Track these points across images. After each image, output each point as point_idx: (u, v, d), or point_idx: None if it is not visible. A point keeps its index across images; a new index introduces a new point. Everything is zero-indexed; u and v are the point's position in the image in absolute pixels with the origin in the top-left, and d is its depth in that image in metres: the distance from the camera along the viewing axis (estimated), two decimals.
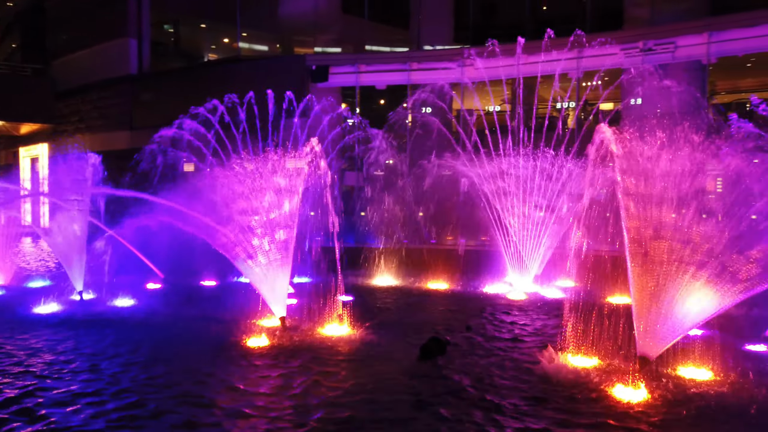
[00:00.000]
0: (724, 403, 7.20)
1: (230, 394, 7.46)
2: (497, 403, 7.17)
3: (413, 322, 11.44)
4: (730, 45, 19.48)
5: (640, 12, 21.89)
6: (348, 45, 29.19)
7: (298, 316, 11.37)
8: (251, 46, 31.12)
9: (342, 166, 25.94)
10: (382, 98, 28.05)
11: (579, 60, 17.81)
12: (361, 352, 9.37)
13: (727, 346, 9.39)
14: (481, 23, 27.42)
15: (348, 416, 6.79)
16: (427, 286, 15.61)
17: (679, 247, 8.24)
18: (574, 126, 19.29)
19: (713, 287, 8.07)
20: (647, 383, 7.63)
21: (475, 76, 20.12)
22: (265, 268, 10.72)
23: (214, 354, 9.14)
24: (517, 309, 12.71)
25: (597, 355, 8.83)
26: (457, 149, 17.12)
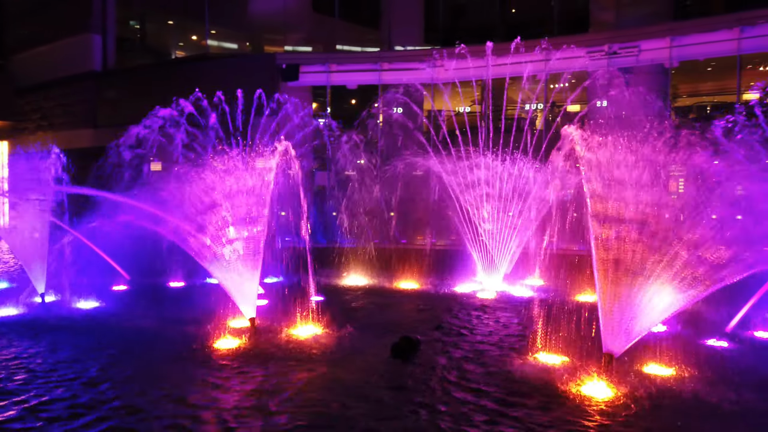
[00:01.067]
0: (686, 397, 7.43)
1: (195, 397, 7.35)
2: (467, 401, 7.24)
3: (384, 321, 11.46)
4: (691, 49, 20.08)
5: (606, 16, 22.39)
6: (319, 44, 29.05)
7: (268, 317, 11.27)
8: (220, 44, 30.69)
9: (313, 166, 25.83)
10: (353, 98, 28.02)
11: (546, 62, 18.13)
12: (332, 352, 9.35)
13: (689, 342, 9.68)
14: (451, 25, 27.65)
15: (318, 416, 6.76)
16: (397, 285, 15.65)
17: (642, 246, 8.46)
18: (542, 127, 19.59)
19: (676, 285, 8.31)
20: (612, 379, 7.81)
21: (445, 77, 20.27)
22: (234, 268, 10.59)
23: (179, 357, 8.98)
24: (487, 308, 12.85)
25: (564, 353, 8.99)
26: (428, 149, 17.22)
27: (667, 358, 8.66)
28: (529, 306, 12.52)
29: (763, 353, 9.47)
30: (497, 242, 15.53)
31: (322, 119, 25.57)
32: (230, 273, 10.59)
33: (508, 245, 15.51)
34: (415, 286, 15.54)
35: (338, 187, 24.27)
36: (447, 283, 15.65)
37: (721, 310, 10.93)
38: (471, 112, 22.42)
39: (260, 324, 10.72)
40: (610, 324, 8.47)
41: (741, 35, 18.93)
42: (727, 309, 10.66)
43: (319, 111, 27.44)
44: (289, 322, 10.79)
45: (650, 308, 8.41)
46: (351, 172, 25.30)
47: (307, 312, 10.88)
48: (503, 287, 14.92)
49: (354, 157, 22.35)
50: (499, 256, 15.53)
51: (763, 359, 9.12)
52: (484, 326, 11.19)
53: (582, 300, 13.27)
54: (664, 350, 8.84)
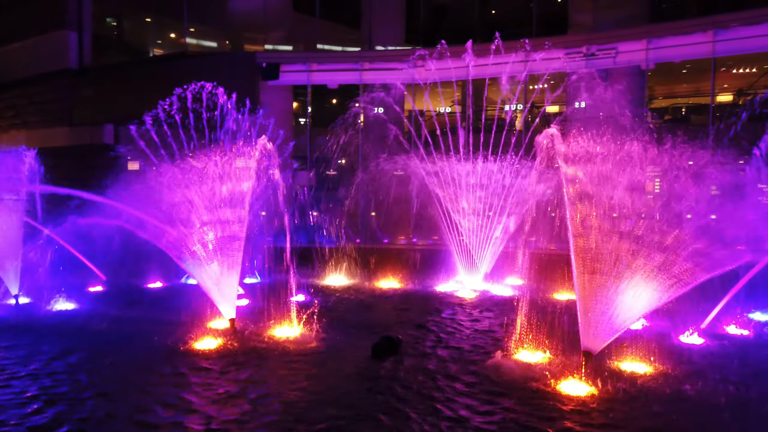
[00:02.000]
0: (661, 393, 7.55)
1: (173, 400, 7.26)
2: (448, 400, 7.27)
3: (365, 321, 11.46)
4: (666, 51, 20.40)
5: (584, 18, 22.64)
6: (299, 43, 28.90)
7: (248, 318, 11.18)
8: (199, 42, 30.34)
9: (294, 165, 25.69)
10: (334, 97, 27.92)
11: (526, 63, 18.28)
12: (313, 352, 9.32)
13: (665, 339, 9.85)
14: (432, 25, 27.72)
15: (298, 417, 6.73)
16: (379, 285, 15.65)
17: (620, 245, 8.58)
18: (522, 128, 19.76)
19: (652, 283, 8.45)
20: (591, 376, 7.91)
21: (426, 78, 20.32)
22: (213, 268, 10.49)
23: (157, 359, 8.86)
24: (467, 307, 12.91)
25: (544, 351, 9.08)
26: (409, 149, 17.25)
27: (643, 355, 8.80)
28: (509, 305, 12.62)
29: (737, 349, 9.67)
30: (477, 242, 15.63)
31: (303, 119, 25.51)
32: (209, 273, 10.48)
33: (488, 245, 15.61)
34: (396, 285, 15.56)
35: (319, 187, 24.21)
36: (428, 282, 15.70)
37: (696, 307, 11.12)
38: (451, 112, 22.53)
39: (240, 325, 10.63)
40: (588, 322, 8.58)
41: (715, 38, 19.30)
42: (702, 306, 10.85)
43: (299, 110, 27.34)
44: (269, 323, 10.73)
45: (627, 306, 8.54)
46: (332, 172, 25.27)
47: (288, 312, 10.82)
48: (483, 286, 15.01)
49: (335, 157, 22.32)
50: (480, 256, 15.63)
51: (737, 355, 9.32)
52: (464, 325, 11.25)
53: (561, 299, 13.42)
54: (641, 347, 8.98)
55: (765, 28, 18.65)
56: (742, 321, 10.97)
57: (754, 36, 18.94)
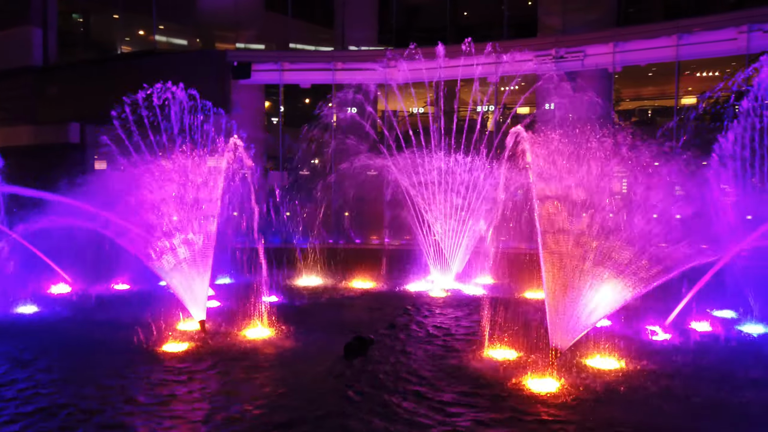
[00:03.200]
0: (627, 388, 7.74)
1: (139, 404, 7.14)
2: (420, 398, 7.32)
3: (337, 321, 11.44)
4: (633, 55, 20.88)
5: (553, 21, 23.01)
6: (271, 42, 28.67)
7: (219, 319, 11.06)
8: (169, 40, 29.84)
9: (266, 165, 25.50)
10: (307, 97, 27.78)
11: (497, 65, 18.50)
12: (285, 354, 9.27)
13: (631, 336, 10.09)
14: (405, 26, 27.82)
15: (266, 419, 6.69)
16: (351, 285, 15.65)
17: (587, 244, 8.77)
18: (493, 129, 19.99)
19: (618, 281, 8.66)
20: (559, 373, 8.05)
21: (399, 78, 20.40)
22: (183, 269, 10.35)
23: (123, 363, 8.67)
24: (439, 306, 13.01)
25: (514, 348, 9.21)
26: (382, 149, 17.29)
27: (610, 351, 9.00)
28: (480, 304, 12.75)
29: (699, 345, 9.96)
30: (449, 241, 15.76)
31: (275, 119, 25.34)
32: (179, 274, 10.34)
33: (460, 244, 15.76)
34: (368, 285, 15.57)
35: (292, 187, 24.08)
36: (400, 282, 15.76)
37: (661, 304, 11.41)
38: (424, 113, 22.64)
39: (210, 326, 10.52)
40: (557, 320, 8.74)
41: (679, 42, 19.82)
42: (666, 303, 11.14)
43: (272, 109, 27.14)
44: (241, 324, 10.63)
45: (594, 304, 8.73)
46: (305, 172, 25.16)
47: (259, 313, 10.74)
48: (455, 286, 15.13)
49: (308, 157, 22.22)
50: (452, 255, 15.76)
51: (700, 350, 9.60)
52: (436, 324, 11.33)
53: (530, 297, 13.63)
54: (608, 344, 9.17)
55: (726, 33, 19.24)
56: (704, 318, 11.31)
57: (716, 40, 19.53)
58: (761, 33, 18.67)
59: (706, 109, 13.25)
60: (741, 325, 11.20)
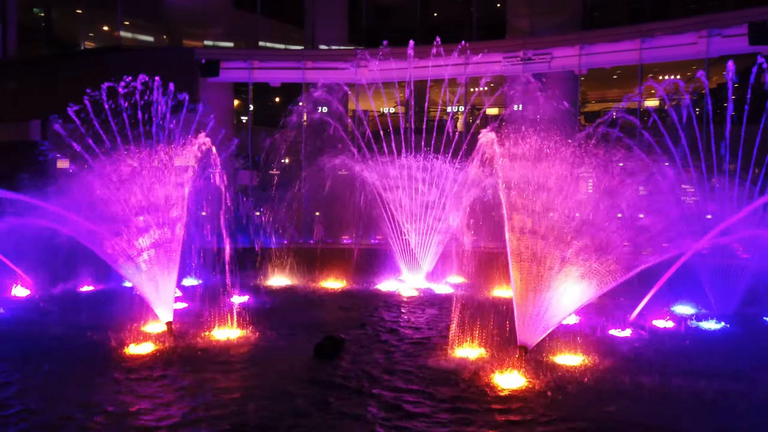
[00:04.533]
0: (590, 382, 7.93)
1: (105, 407, 7.01)
2: (390, 396, 7.36)
3: (308, 321, 11.40)
4: (598, 58, 21.36)
5: (521, 23, 23.37)
6: (240, 40, 28.35)
7: (186, 321, 10.91)
8: (134, 36, 29.21)
9: (235, 164, 25.21)
10: (277, 96, 27.57)
11: (466, 66, 18.70)
12: (254, 354, 9.20)
13: (595, 333, 10.34)
14: (375, 26, 27.86)
15: (237, 421, 6.64)
16: (322, 285, 15.61)
17: (553, 244, 8.95)
18: (463, 129, 20.19)
19: (583, 280, 8.86)
20: (526, 369, 8.20)
21: (369, 78, 20.42)
22: (149, 270, 10.17)
23: (88, 366, 8.49)
24: (409, 305, 13.09)
25: (482, 346, 9.33)
26: (352, 149, 17.29)
27: (575, 347, 9.19)
28: (450, 302, 12.88)
29: (660, 340, 10.27)
30: (420, 241, 15.86)
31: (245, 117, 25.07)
32: (145, 275, 10.16)
33: (430, 244, 15.88)
34: (339, 285, 15.56)
35: (262, 187, 23.86)
36: (371, 281, 15.79)
37: (624, 301, 11.72)
38: (394, 113, 22.72)
39: (178, 328, 10.36)
40: (524, 318, 8.90)
41: (642, 46, 20.36)
42: (629, 301, 11.45)
43: (241, 108, 26.86)
44: (209, 325, 10.51)
45: (560, 302, 8.92)
46: (275, 171, 24.95)
47: (228, 314, 10.63)
48: (426, 285, 15.24)
49: (278, 157, 22.02)
50: (422, 255, 15.87)
51: (660, 346, 9.90)
52: (406, 323, 11.40)
53: (499, 296, 13.82)
54: (573, 341, 9.38)
55: (687, 37, 19.84)
56: (664, 314, 11.66)
57: (677, 44, 20.12)
58: (720, 38, 19.32)
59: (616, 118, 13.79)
60: (698, 321, 11.58)
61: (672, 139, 13.15)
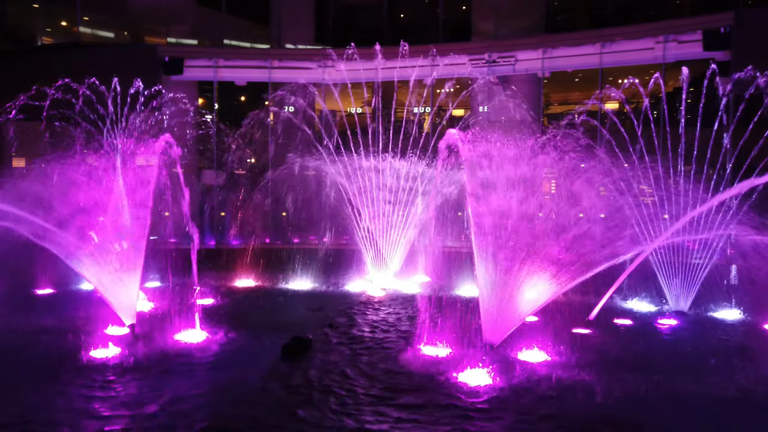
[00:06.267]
0: (554, 378, 8.13)
1: (63, 416, 6.82)
2: (357, 396, 7.40)
3: (275, 322, 11.33)
4: (560, 61, 21.85)
5: (486, 26, 23.74)
6: (205, 38, 27.93)
7: (150, 323, 10.70)
8: (94, 32, 28.44)
9: (199, 164, 24.85)
10: (243, 95, 27.27)
11: (432, 68, 18.88)
12: (220, 356, 9.10)
13: (558, 330, 10.57)
14: (342, 26, 27.85)
15: (201, 425, 6.56)
16: (289, 286, 15.52)
17: (517, 243, 9.14)
18: (429, 130, 20.37)
19: (545, 279, 9.07)
20: (491, 367, 8.34)
21: (336, 78, 20.41)
22: (110, 271, 9.95)
23: (45, 372, 8.22)
24: (377, 305, 13.14)
25: (448, 345, 9.44)
26: (319, 149, 17.24)
27: (539, 344, 9.40)
28: (417, 301, 12.99)
29: (619, 337, 10.60)
30: (387, 241, 15.93)
31: (209, 116, 24.71)
32: (106, 277, 9.94)
33: (398, 243, 15.97)
34: (307, 286, 15.49)
35: (227, 186, 23.56)
36: (339, 282, 15.78)
37: (585, 299, 12.04)
38: (362, 113, 22.76)
39: (141, 330, 10.16)
40: (489, 316, 9.06)
41: (602, 50, 20.93)
42: (590, 299, 11.76)
43: (205, 107, 26.45)
44: (174, 328, 10.32)
45: (524, 300, 9.11)
46: (241, 171, 24.67)
47: (193, 316, 10.47)
48: (393, 285, 15.32)
49: (244, 156, 21.80)
50: (389, 255, 15.94)
51: (620, 342, 10.21)
52: (374, 323, 11.45)
53: (465, 294, 13.99)
54: (537, 338, 9.58)
55: (645, 42, 20.49)
56: (624, 311, 12.02)
57: (635, 49, 20.75)
58: (676, 43, 20.02)
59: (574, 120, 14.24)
60: (657, 317, 11.99)
61: (631, 141, 13.57)
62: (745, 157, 12.94)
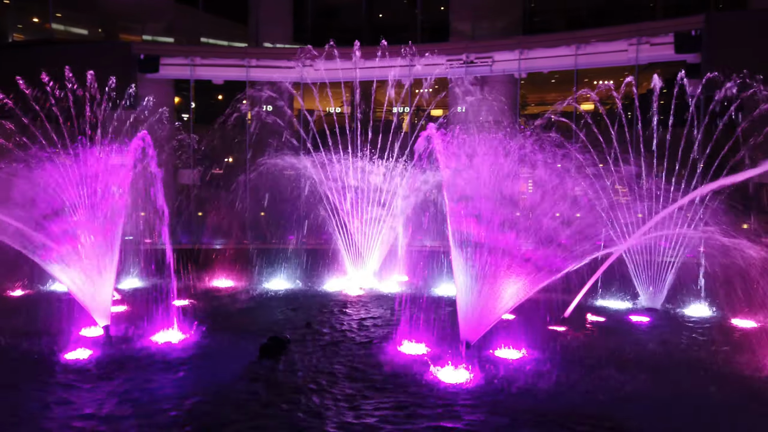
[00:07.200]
0: (530, 375, 8.25)
1: (38, 419, 6.72)
2: (336, 395, 7.41)
3: (253, 322, 11.28)
4: (536, 62, 22.10)
5: (464, 26, 23.91)
6: (181, 36, 27.61)
7: (125, 324, 10.57)
8: (67, 29, 27.93)
9: (176, 163, 24.55)
10: (220, 93, 27.00)
11: (410, 68, 18.95)
12: (197, 357, 9.03)
13: (533, 328, 10.72)
14: (320, 25, 27.79)
15: (178, 426, 6.52)
16: (267, 286, 15.44)
17: (494, 242, 9.24)
18: (407, 130, 20.45)
19: (521, 278, 9.19)
20: (469, 364, 8.43)
21: (314, 77, 20.36)
22: (84, 272, 9.80)
23: (18, 374, 8.10)
24: (355, 304, 13.16)
25: (426, 342, 9.51)
26: (298, 148, 17.20)
27: (515, 342, 9.52)
28: (395, 301, 13.05)
29: (593, 334, 10.78)
30: (366, 240, 15.95)
31: (185, 115, 24.45)
32: (80, 278, 9.78)
33: (376, 243, 16.00)
34: (285, 285, 15.44)
35: (204, 186, 23.33)
36: (317, 281, 15.75)
37: (561, 297, 12.23)
38: (341, 113, 22.76)
39: (115, 332, 10.03)
40: (466, 314, 9.14)
41: (577, 52, 21.23)
42: (566, 296, 11.95)
43: (182, 106, 26.17)
44: (149, 329, 10.21)
45: (500, 298, 9.22)
46: (218, 171, 24.46)
47: (169, 317, 10.37)
48: (372, 284, 15.35)
49: (221, 155, 21.62)
50: (368, 254, 15.96)
51: (593, 339, 10.40)
52: (352, 322, 11.46)
53: (443, 293, 14.09)
54: (513, 335, 9.70)
55: (619, 44, 20.82)
56: (598, 308, 12.24)
57: (609, 51, 21.08)
58: (648, 46, 20.40)
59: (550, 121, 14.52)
60: (629, 314, 12.23)
61: (605, 142, 13.82)
62: (715, 156, 13.27)
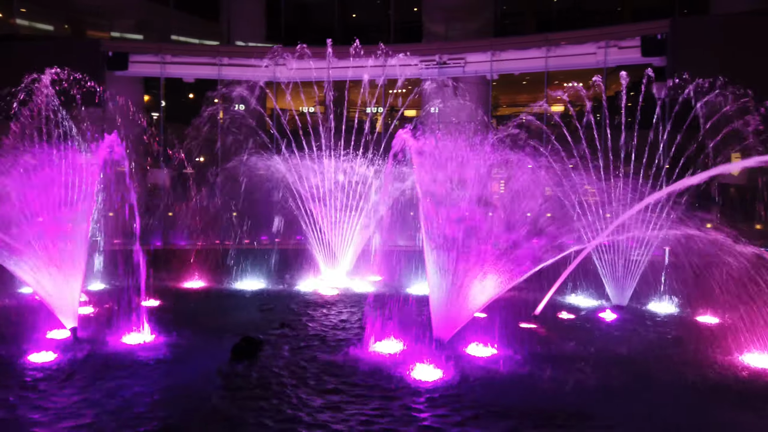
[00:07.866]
0: (502, 372, 8.38)
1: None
2: (309, 395, 7.41)
3: (225, 323, 11.17)
4: (508, 64, 22.44)
5: (437, 28, 24.11)
6: (151, 33, 27.18)
7: (94, 326, 10.36)
8: (32, 24, 27.24)
9: (146, 162, 24.16)
10: (191, 92, 26.68)
11: (384, 68, 19.03)
12: (168, 359, 8.91)
13: (505, 326, 10.87)
14: (293, 24, 27.69)
15: (147, 428, 6.43)
16: (240, 286, 15.31)
17: (466, 240, 9.36)
18: (381, 130, 20.51)
19: (492, 275, 9.33)
20: (441, 362, 8.52)
21: (287, 76, 20.27)
22: (50, 272, 9.58)
23: None
24: (329, 304, 13.16)
25: (399, 341, 9.57)
26: (271, 148, 17.10)
27: (487, 339, 9.64)
28: (369, 300, 13.07)
29: (563, 331, 11.00)
30: (339, 240, 15.95)
31: (156, 114, 24.08)
32: (45, 279, 9.56)
33: (350, 243, 16.02)
34: (258, 286, 15.33)
35: (174, 185, 23.02)
36: (290, 281, 15.69)
37: (532, 295, 12.43)
38: (314, 112, 22.69)
39: (83, 334, 9.83)
40: (439, 313, 9.24)
41: (547, 54, 21.62)
42: (536, 294, 12.15)
43: (152, 104, 25.77)
44: (118, 330, 10.03)
45: (472, 297, 9.34)
46: (189, 170, 24.15)
47: (140, 318, 10.20)
48: (346, 284, 15.36)
49: (191, 154, 21.32)
50: (341, 254, 15.97)
51: (563, 336, 10.61)
52: (326, 321, 11.46)
53: (416, 292, 14.18)
54: (486, 333, 9.83)
55: (588, 47, 21.28)
56: (568, 306, 12.47)
57: (579, 54, 21.53)
58: (616, 49, 20.89)
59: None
60: (597, 311, 12.51)
61: (574, 143, 14.10)
62: (679, 157, 13.67)
